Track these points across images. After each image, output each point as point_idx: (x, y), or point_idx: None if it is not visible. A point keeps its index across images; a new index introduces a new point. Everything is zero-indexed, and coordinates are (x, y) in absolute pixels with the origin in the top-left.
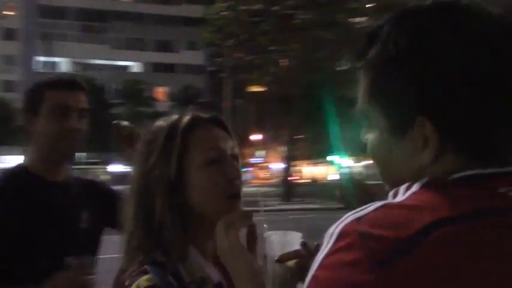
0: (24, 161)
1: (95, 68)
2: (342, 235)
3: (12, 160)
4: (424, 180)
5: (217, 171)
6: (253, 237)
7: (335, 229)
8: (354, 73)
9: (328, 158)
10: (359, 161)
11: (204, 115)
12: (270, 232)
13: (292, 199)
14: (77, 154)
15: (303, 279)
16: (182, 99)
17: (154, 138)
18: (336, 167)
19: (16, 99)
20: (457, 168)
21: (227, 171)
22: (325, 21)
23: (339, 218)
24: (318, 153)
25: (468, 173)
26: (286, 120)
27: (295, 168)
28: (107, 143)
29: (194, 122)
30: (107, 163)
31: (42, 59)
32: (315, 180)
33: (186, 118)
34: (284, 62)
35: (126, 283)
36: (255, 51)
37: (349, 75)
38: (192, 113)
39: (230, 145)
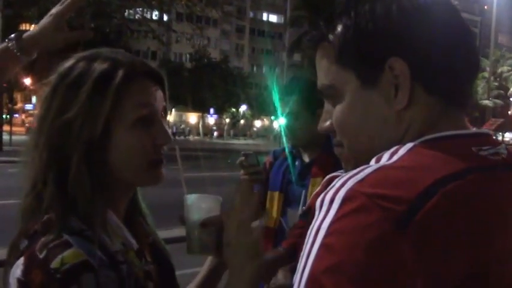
0: None
1: None
2: (347, 198)
3: None
4: (409, 145)
5: (146, 134)
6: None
7: (335, 194)
8: (144, 25)
9: None
10: None
11: (141, 67)
12: (190, 195)
13: None
14: None
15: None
16: None
17: (75, 83)
18: None
19: None
20: (431, 112)
21: (158, 136)
22: None
23: None
24: None
25: (443, 134)
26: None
27: None
28: None
29: (130, 75)
30: None
31: None
32: None
33: (121, 70)
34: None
35: (41, 255)
36: None
37: (139, 26)
38: (128, 62)
39: (162, 100)
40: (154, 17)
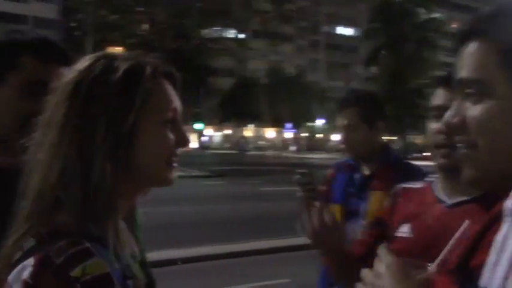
0: None
1: None
2: None
3: None
4: None
5: (171, 134)
6: None
7: None
8: (221, 43)
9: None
10: (218, 131)
11: (164, 67)
12: None
13: None
14: None
15: None
16: None
17: (99, 79)
18: (197, 135)
19: None
20: None
21: (181, 138)
22: None
23: (202, 185)
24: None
25: None
26: None
27: None
28: None
29: (157, 74)
30: None
31: None
32: None
33: (149, 67)
34: (150, 25)
35: (58, 261)
36: (119, 11)
37: (217, 44)
38: (151, 62)
39: (179, 103)
40: (231, 35)
